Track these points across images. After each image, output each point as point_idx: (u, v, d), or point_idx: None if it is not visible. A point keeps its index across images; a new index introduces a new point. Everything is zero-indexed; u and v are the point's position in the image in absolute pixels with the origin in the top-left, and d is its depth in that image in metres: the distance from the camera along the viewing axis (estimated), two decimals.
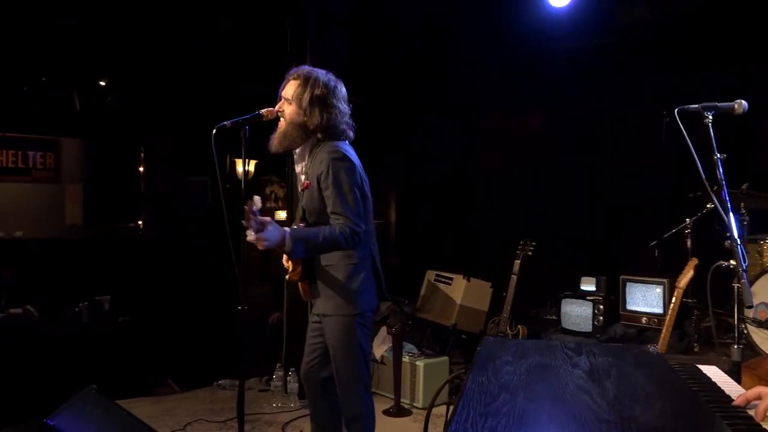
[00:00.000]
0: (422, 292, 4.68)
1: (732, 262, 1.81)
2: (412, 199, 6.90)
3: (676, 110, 2.18)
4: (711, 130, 2.14)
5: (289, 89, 2.52)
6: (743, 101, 2.21)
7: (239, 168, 6.62)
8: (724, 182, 2.01)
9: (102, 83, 8.02)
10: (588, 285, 4.18)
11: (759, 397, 1.24)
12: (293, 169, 3.05)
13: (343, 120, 2.54)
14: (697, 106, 2.19)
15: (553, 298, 4.40)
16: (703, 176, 2.05)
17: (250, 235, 2.22)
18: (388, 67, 6.55)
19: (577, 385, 1.31)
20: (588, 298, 4.06)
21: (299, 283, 2.57)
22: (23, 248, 7.33)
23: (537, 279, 4.70)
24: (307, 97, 2.46)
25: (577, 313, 4.08)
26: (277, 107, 2.54)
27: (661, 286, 3.80)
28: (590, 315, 4.00)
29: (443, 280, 4.51)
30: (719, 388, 1.41)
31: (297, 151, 2.57)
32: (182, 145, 7.39)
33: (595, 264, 4.75)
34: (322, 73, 2.54)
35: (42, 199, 8.42)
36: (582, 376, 1.38)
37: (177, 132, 7.42)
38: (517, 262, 4.05)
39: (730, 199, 1.96)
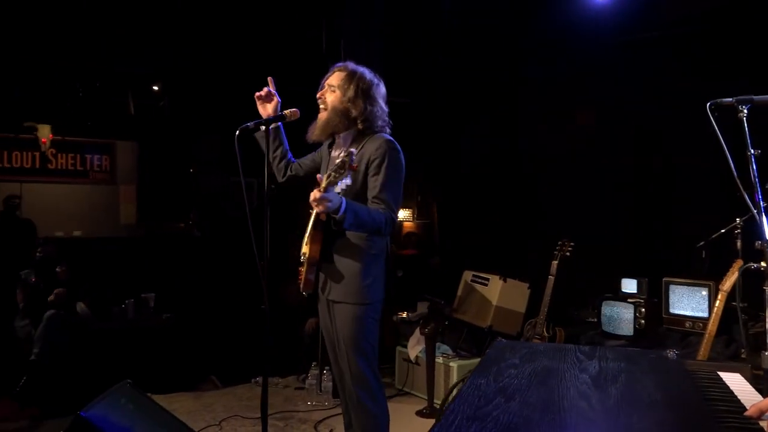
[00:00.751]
0: (459, 292, 4.63)
1: (762, 264, 1.71)
2: (455, 199, 6.85)
3: (708, 104, 2.09)
4: (745, 125, 2.03)
5: (334, 79, 2.59)
6: None
7: None
8: (757, 179, 1.91)
9: (155, 87, 8.30)
10: (629, 287, 4.04)
11: None
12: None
13: (383, 116, 2.61)
14: (731, 99, 2.08)
15: (594, 300, 4.27)
16: (735, 174, 1.95)
17: (316, 194, 2.23)
18: (432, 68, 6.53)
19: (579, 390, 1.27)
20: (629, 300, 3.92)
21: (301, 273, 2.58)
22: (81, 247, 7.65)
23: (579, 280, 4.59)
24: (352, 86, 2.53)
25: (618, 316, 3.95)
26: (318, 94, 2.61)
27: (707, 289, 3.63)
28: (632, 318, 3.87)
29: (480, 280, 4.45)
30: (735, 397, 1.33)
31: (341, 135, 2.61)
32: (230, 146, 7.56)
33: (638, 265, 4.59)
34: (367, 70, 2.63)
35: (99, 199, 8.79)
36: (586, 381, 1.34)
37: (225, 133, 7.60)
38: (555, 263, 3.95)
39: (764, 198, 1.85)
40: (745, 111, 2.04)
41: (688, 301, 3.72)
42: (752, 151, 1.95)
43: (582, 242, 4.06)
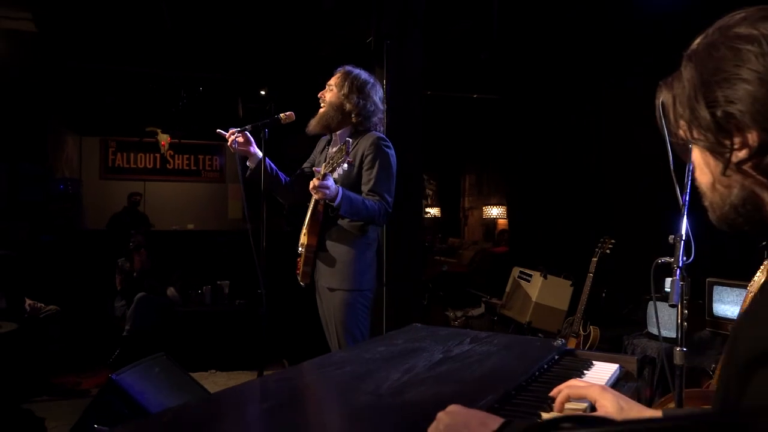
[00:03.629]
0: (507, 288, 4.64)
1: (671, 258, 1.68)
2: (525, 196, 6.76)
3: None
4: None
5: (333, 79, 2.82)
6: None
7: None
8: (691, 174, 1.85)
9: (262, 92, 8.99)
10: (671, 287, 3.82)
11: None
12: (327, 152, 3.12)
13: (377, 114, 2.79)
14: None
15: (642, 300, 4.09)
16: (672, 166, 1.90)
17: (315, 182, 2.40)
18: (519, 65, 6.53)
19: (407, 367, 1.37)
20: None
21: (299, 265, 2.79)
22: (193, 239, 8.47)
23: (632, 279, 4.42)
24: (347, 84, 2.74)
25: (661, 317, 3.76)
26: (319, 93, 2.85)
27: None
28: (673, 319, 3.66)
29: (524, 277, 4.43)
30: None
31: (337, 133, 2.81)
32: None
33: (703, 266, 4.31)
34: (364, 72, 2.83)
35: (210, 197, 9.67)
36: (430, 359, 1.44)
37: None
38: (594, 260, 3.87)
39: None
40: None
41: (734, 304, 3.48)
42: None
43: (638, 240, 3.92)
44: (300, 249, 2.83)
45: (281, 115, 2.76)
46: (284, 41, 6.68)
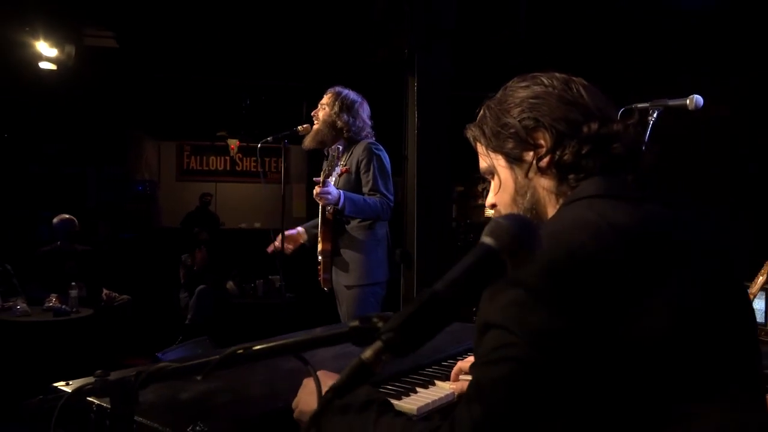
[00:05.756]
0: None
1: None
2: None
3: (620, 111, 2.21)
4: (649, 128, 2.15)
5: (324, 99, 3.12)
6: (697, 96, 2.15)
7: None
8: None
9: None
10: None
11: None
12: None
13: (365, 129, 3.07)
14: (647, 104, 2.20)
15: None
16: None
17: (317, 189, 2.73)
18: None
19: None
20: None
21: (320, 272, 3.05)
22: (257, 236, 9.01)
23: None
24: (337, 103, 3.04)
25: None
26: (312, 113, 3.16)
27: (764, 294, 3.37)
28: None
29: None
30: None
31: (332, 147, 3.07)
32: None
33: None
34: (352, 92, 3.12)
35: (276, 197, 10.20)
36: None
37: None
38: None
39: None
40: (655, 115, 2.16)
41: None
42: None
43: None
44: (319, 257, 3.03)
45: (299, 127, 3.10)
46: (341, 48, 7.04)
